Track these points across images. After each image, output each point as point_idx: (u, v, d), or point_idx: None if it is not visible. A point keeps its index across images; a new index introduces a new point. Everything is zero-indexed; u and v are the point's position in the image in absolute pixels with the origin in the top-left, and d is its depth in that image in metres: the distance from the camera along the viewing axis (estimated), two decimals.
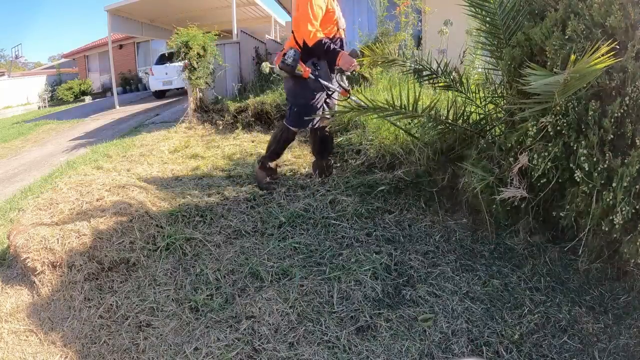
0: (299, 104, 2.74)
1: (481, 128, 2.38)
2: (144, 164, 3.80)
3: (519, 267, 1.90)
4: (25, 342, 1.79)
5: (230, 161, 3.65)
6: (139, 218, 2.34)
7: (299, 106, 2.74)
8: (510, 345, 1.48)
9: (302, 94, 2.70)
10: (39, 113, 12.51)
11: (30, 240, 2.16)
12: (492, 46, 2.35)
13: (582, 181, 1.60)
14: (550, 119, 1.69)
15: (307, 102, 2.69)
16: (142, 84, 15.51)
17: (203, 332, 1.68)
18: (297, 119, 2.76)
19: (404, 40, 4.73)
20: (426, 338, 1.55)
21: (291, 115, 2.80)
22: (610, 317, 1.58)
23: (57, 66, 19.37)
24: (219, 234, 2.35)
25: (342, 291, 1.81)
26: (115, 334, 1.74)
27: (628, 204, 1.46)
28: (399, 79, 3.96)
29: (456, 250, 2.06)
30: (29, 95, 15.76)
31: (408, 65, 2.69)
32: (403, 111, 2.34)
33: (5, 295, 2.07)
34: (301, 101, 2.72)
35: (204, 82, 5.50)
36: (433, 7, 5.29)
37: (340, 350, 1.53)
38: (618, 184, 1.48)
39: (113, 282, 2.04)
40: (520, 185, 1.82)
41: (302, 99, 2.71)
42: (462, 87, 2.53)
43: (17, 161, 5.84)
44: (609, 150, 1.56)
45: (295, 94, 2.74)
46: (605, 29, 1.63)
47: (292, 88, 2.74)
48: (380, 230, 2.25)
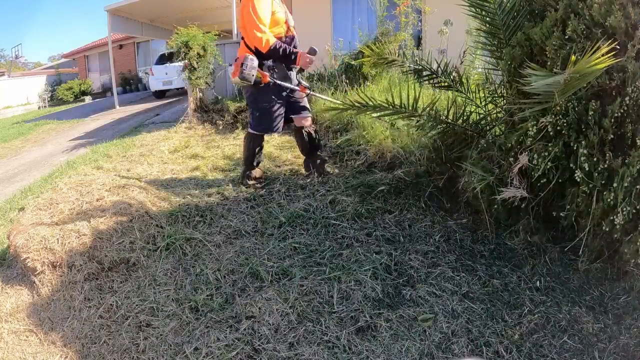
0: (260, 108, 2.73)
1: (481, 128, 2.38)
2: (144, 164, 3.80)
3: (519, 267, 1.90)
4: (25, 342, 1.79)
5: (230, 161, 3.64)
6: (139, 218, 2.34)
7: (260, 110, 2.73)
8: (510, 345, 1.48)
9: (263, 98, 2.67)
10: (39, 113, 12.51)
11: (30, 240, 2.16)
12: (492, 46, 2.35)
13: (583, 181, 1.60)
14: (550, 119, 1.69)
15: (268, 106, 2.68)
16: (142, 84, 15.52)
17: (203, 332, 1.68)
18: (260, 123, 2.76)
19: (404, 40, 4.72)
20: (426, 338, 1.55)
21: (254, 121, 2.80)
22: (610, 317, 1.58)
23: (57, 66, 19.39)
24: (219, 234, 2.35)
25: (342, 291, 1.81)
26: (115, 334, 1.74)
27: (629, 205, 1.46)
28: (399, 79, 3.97)
29: (456, 250, 2.06)
30: (29, 95, 15.77)
31: (408, 65, 2.69)
32: (402, 110, 2.34)
33: (5, 295, 2.07)
34: (262, 105, 2.70)
35: (204, 82, 5.50)
36: (433, 7, 5.29)
37: (340, 350, 1.53)
38: (619, 184, 1.48)
39: (113, 282, 2.04)
40: (521, 185, 1.82)
41: (263, 102, 2.69)
42: (462, 87, 2.53)
43: (17, 161, 5.84)
44: (609, 150, 1.56)
45: (255, 98, 2.71)
46: (606, 29, 1.63)
47: (252, 93, 2.70)
48: (380, 230, 2.24)
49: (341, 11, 7.30)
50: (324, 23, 7.15)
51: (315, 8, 7.28)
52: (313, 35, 6.62)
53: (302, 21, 7.31)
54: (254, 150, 2.86)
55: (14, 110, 14.00)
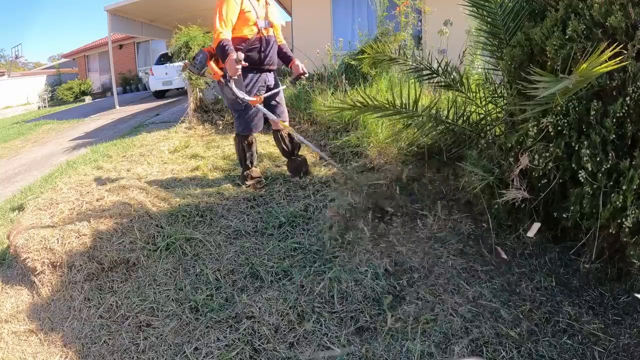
0: (236, 109, 2.74)
1: (481, 128, 2.38)
2: (144, 164, 3.80)
3: (519, 267, 1.90)
4: (25, 342, 1.79)
5: (230, 161, 3.64)
6: (139, 218, 2.34)
7: (237, 112, 2.75)
8: (510, 345, 1.48)
9: (236, 100, 2.61)
10: (39, 113, 12.51)
11: (30, 240, 2.16)
12: (493, 46, 2.35)
13: (586, 182, 1.60)
14: (551, 119, 1.68)
15: (241, 107, 2.67)
16: (142, 84, 15.52)
17: (203, 332, 1.68)
18: (240, 124, 2.77)
19: (404, 40, 4.72)
20: (426, 338, 1.55)
21: (237, 121, 2.81)
22: (610, 317, 1.58)
23: (57, 66, 19.36)
24: (219, 234, 2.35)
25: (342, 291, 1.81)
26: (115, 334, 1.74)
27: (637, 207, 1.46)
28: (399, 79, 3.96)
29: (456, 251, 2.05)
30: (29, 96, 15.77)
31: (408, 65, 2.69)
32: (403, 111, 2.34)
33: (5, 295, 2.07)
34: (237, 107, 2.69)
35: (204, 82, 5.50)
36: (433, 7, 5.29)
37: (340, 350, 1.53)
38: (628, 186, 1.48)
39: (113, 282, 2.04)
40: (521, 185, 1.81)
41: (237, 104, 2.65)
42: (462, 87, 2.53)
43: (17, 161, 5.84)
44: (611, 150, 1.56)
45: (231, 100, 2.67)
46: (606, 29, 1.63)
47: (227, 95, 2.67)
48: (380, 230, 2.24)
49: (341, 11, 7.30)
50: (324, 23, 7.15)
51: (315, 8, 7.28)
52: (313, 36, 6.63)
53: (302, 21, 7.33)
54: (243, 151, 2.86)
55: (14, 110, 14.01)
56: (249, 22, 2.55)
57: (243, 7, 2.50)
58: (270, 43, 2.67)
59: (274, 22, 2.70)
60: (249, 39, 2.56)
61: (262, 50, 2.61)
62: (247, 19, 2.53)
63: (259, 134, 3.31)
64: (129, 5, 9.44)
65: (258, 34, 2.59)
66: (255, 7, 2.57)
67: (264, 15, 2.63)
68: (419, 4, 5.12)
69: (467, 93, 2.51)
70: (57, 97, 15.39)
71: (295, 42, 6.84)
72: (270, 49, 2.67)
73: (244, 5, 2.51)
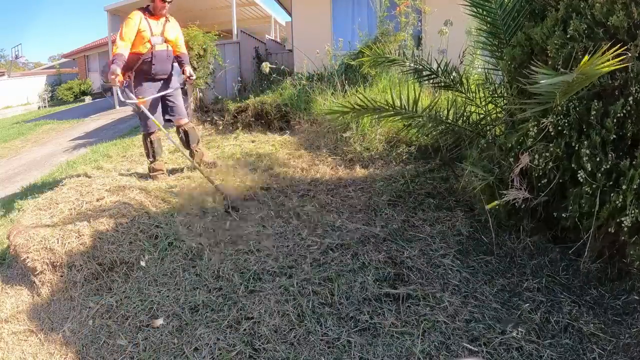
0: (137, 113, 3.21)
1: (481, 128, 2.38)
2: (144, 164, 3.78)
3: (519, 267, 1.90)
4: (25, 343, 1.79)
5: (230, 161, 3.64)
6: (139, 218, 2.34)
7: (138, 115, 3.23)
8: (510, 345, 1.48)
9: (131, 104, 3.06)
10: (39, 113, 12.51)
11: (30, 240, 2.16)
12: (493, 46, 2.35)
13: (586, 181, 1.60)
14: (551, 119, 1.68)
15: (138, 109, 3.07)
16: None
17: (203, 332, 1.68)
18: (143, 124, 3.18)
19: (404, 40, 4.72)
20: (426, 338, 1.55)
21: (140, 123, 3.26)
22: (610, 317, 1.58)
23: (57, 66, 19.34)
24: (219, 234, 2.35)
25: (342, 291, 1.80)
26: (115, 334, 1.74)
27: (637, 207, 1.45)
28: (399, 80, 3.96)
29: (456, 250, 2.05)
30: (29, 96, 15.75)
31: (409, 65, 2.69)
32: (403, 111, 2.34)
33: (5, 295, 2.07)
34: (136, 111, 3.16)
35: (204, 82, 5.50)
36: (433, 7, 5.28)
37: (340, 350, 1.53)
38: (628, 186, 1.47)
39: (113, 283, 2.03)
40: (521, 185, 1.81)
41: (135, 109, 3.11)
42: (462, 87, 2.52)
43: (18, 161, 5.84)
44: (611, 150, 1.56)
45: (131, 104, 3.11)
46: (608, 29, 1.63)
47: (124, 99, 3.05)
48: (380, 230, 2.24)
49: (341, 11, 7.28)
50: (324, 23, 7.14)
51: (315, 8, 7.27)
52: (313, 36, 6.63)
53: (302, 21, 7.32)
54: (147, 146, 3.26)
55: (14, 110, 13.99)
56: (144, 40, 2.98)
57: (140, 27, 2.95)
58: (162, 57, 3.07)
59: (168, 38, 3.10)
60: (143, 54, 3.00)
61: (153, 63, 3.04)
62: (142, 37, 2.97)
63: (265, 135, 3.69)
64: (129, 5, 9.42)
65: (150, 49, 3.00)
66: (151, 27, 3.00)
67: (160, 32, 3.05)
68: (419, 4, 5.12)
69: (467, 93, 2.51)
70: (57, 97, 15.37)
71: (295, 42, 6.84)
72: (161, 62, 3.07)
73: (141, 26, 2.96)
